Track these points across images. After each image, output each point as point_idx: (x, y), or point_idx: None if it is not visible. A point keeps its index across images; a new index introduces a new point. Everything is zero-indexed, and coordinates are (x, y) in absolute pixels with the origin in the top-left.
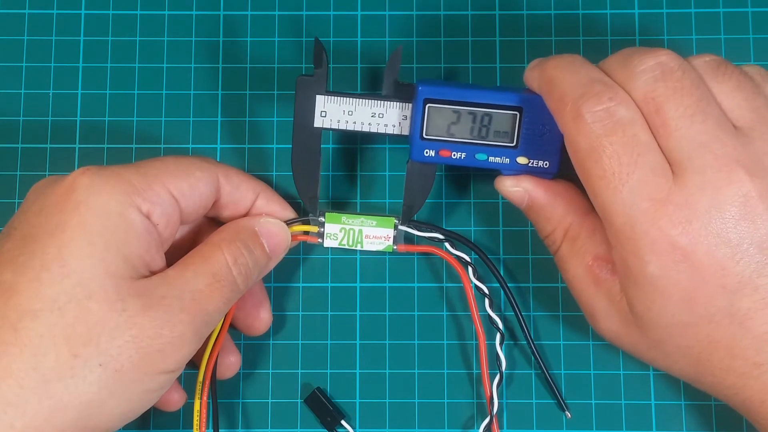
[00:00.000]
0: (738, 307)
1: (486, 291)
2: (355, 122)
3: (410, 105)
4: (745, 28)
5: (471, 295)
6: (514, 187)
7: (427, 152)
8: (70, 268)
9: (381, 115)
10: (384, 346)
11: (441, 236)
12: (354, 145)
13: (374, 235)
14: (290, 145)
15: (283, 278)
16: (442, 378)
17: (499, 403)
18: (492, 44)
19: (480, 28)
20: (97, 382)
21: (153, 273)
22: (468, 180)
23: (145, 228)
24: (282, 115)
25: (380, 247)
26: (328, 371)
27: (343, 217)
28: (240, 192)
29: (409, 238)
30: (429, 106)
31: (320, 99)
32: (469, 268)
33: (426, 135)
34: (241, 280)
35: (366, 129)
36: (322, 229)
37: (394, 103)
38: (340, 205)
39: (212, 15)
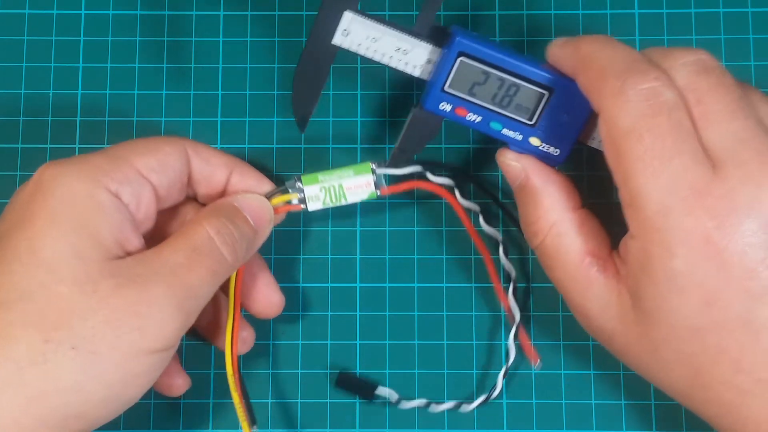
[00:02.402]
0: (757, 314)
1: (477, 208)
2: (375, 51)
3: (439, 50)
4: (745, 28)
5: (462, 212)
6: (514, 162)
7: (443, 105)
8: (41, 255)
9: (405, 52)
10: (384, 346)
11: (420, 168)
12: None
13: (355, 185)
14: (291, 145)
15: (283, 279)
16: (442, 378)
17: (522, 315)
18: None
19: (480, 28)
20: (71, 366)
21: (130, 254)
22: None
23: (116, 208)
24: (282, 115)
25: (364, 196)
26: (328, 372)
27: (320, 176)
28: (211, 166)
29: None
30: (461, 60)
31: (348, 16)
32: (456, 191)
33: (448, 88)
34: (226, 251)
35: (386, 62)
36: (302, 194)
37: (425, 43)
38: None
39: (212, 15)
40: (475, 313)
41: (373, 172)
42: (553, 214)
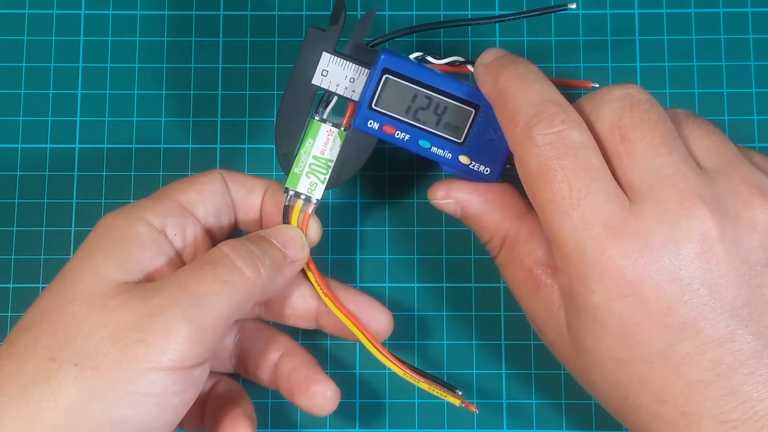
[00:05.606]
0: (676, 349)
1: None
2: (354, 91)
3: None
4: (745, 28)
5: None
6: (445, 200)
7: (370, 123)
8: (64, 279)
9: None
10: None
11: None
12: None
13: (323, 144)
14: None
15: None
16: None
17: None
18: (492, 45)
19: (480, 28)
20: (75, 384)
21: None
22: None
23: (153, 239)
24: None
25: (339, 141)
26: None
27: (295, 170)
28: (246, 189)
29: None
30: (386, 77)
31: (326, 57)
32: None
33: (375, 106)
34: (243, 264)
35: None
36: (301, 195)
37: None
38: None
39: (212, 15)
40: (475, 313)
41: (324, 122)
42: (500, 230)
